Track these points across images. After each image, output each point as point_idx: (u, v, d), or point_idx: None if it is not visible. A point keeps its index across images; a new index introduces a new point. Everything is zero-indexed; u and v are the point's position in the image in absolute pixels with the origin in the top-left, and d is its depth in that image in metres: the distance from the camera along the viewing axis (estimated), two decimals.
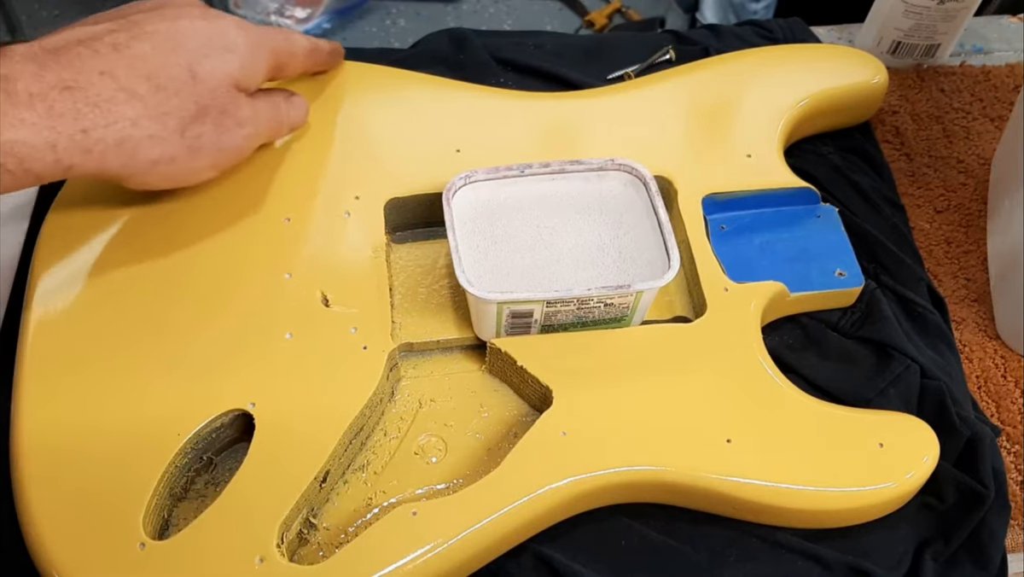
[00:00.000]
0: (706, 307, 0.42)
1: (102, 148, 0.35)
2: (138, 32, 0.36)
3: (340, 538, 0.37)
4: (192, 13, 0.38)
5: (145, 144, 0.36)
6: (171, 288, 0.41)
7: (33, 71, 0.34)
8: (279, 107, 0.43)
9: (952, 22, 0.55)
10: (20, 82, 0.33)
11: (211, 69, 0.37)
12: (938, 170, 0.53)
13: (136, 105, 0.35)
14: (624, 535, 0.39)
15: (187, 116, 0.37)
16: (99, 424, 0.37)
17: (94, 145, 0.35)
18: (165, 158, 0.37)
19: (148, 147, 0.36)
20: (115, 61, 0.35)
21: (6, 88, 0.33)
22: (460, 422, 0.40)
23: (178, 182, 0.39)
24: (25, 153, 0.33)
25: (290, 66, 0.43)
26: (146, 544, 0.34)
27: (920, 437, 0.39)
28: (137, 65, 0.35)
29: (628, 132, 0.48)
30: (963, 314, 0.47)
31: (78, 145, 0.34)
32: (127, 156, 0.36)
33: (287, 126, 0.44)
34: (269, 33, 0.41)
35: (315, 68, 0.47)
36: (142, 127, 0.36)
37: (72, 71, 0.34)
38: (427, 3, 1.77)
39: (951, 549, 0.39)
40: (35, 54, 0.34)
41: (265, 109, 0.41)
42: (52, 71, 0.34)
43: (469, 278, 0.38)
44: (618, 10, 1.73)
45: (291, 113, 0.44)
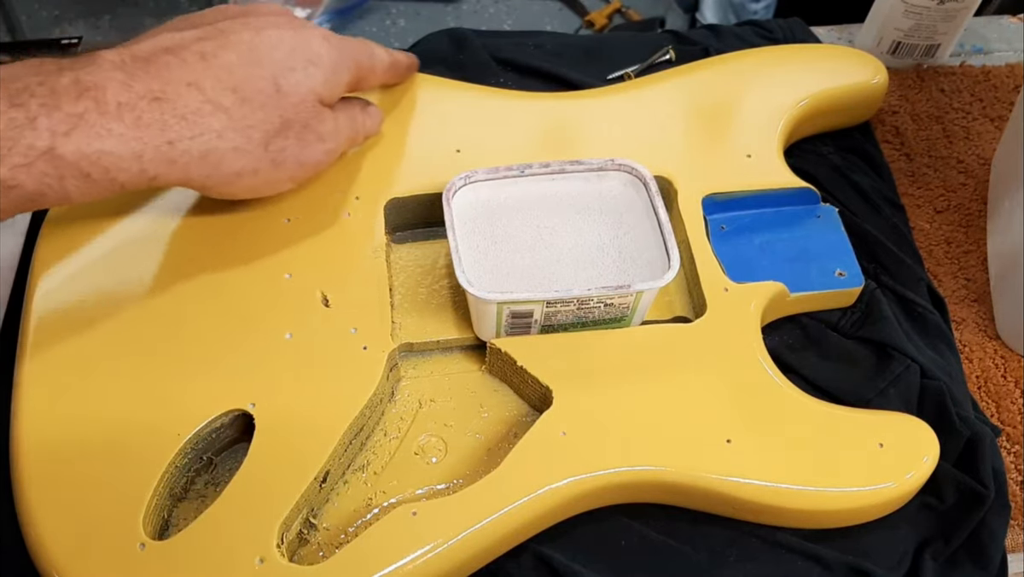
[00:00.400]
0: (706, 307, 0.42)
1: (187, 160, 0.35)
2: (224, 42, 0.36)
3: (340, 538, 0.37)
4: (278, 23, 0.38)
5: (229, 156, 0.36)
6: (171, 288, 0.41)
7: (122, 80, 0.34)
8: (356, 119, 0.42)
9: (952, 22, 0.55)
10: (109, 91, 0.33)
11: (296, 83, 0.37)
12: (938, 170, 0.53)
13: (222, 117, 0.35)
14: (624, 535, 0.39)
15: (271, 129, 0.37)
16: (99, 424, 0.37)
17: (179, 156, 0.35)
18: (248, 170, 0.37)
19: (232, 159, 0.36)
20: (202, 72, 0.35)
21: (95, 97, 0.33)
22: (460, 422, 0.40)
23: (258, 193, 0.40)
24: (111, 163, 0.33)
25: (369, 80, 0.43)
26: (146, 544, 0.34)
27: (920, 437, 0.39)
28: (223, 77, 0.35)
29: (628, 132, 0.48)
30: (963, 314, 0.47)
31: (164, 156, 0.34)
32: (211, 168, 0.36)
33: (363, 136, 0.44)
34: (353, 46, 0.41)
35: (392, 81, 0.47)
36: (227, 139, 0.36)
37: (160, 81, 0.34)
38: (427, 3, 1.77)
39: (951, 549, 0.39)
40: (123, 62, 0.34)
41: (345, 122, 0.41)
42: (141, 81, 0.34)
43: (469, 278, 0.38)
44: (618, 10, 1.73)
45: (367, 123, 0.43)
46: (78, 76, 0.33)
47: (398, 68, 0.46)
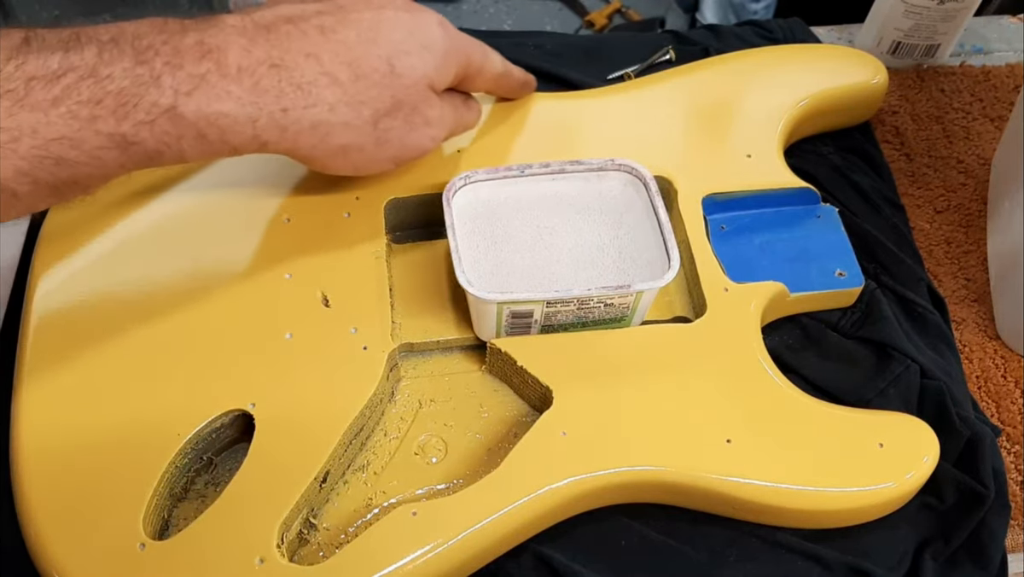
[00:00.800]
0: (706, 307, 0.42)
1: (297, 128, 0.35)
2: (343, 18, 0.37)
3: (340, 538, 0.37)
4: (396, 3, 0.38)
5: (338, 129, 0.37)
6: (171, 288, 0.41)
7: (243, 45, 0.34)
8: (458, 109, 0.42)
9: (952, 22, 0.55)
10: (231, 54, 0.34)
11: (410, 65, 0.37)
12: (938, 170, 0.53)
13: (336, 91, 0.36)
14: (624, 535, 0.39)
15: (382, 108, 0.37)
16: (99, 424, 0.37)
17: (291, 124, 0.35)
18: (354, 146, 0.38)
19: (340, 133, 0.37)
20: (321, 44, 0.35)
21: (217, 59, 0.33)
22: (460, 422, 0.40)
23: (360, 170, 0.40)
24: (227, 125, 0.34)
25: (475, 81, 0.43)
26: (146, 544, 0.34)
27: (920, 437, 0.39)
28: (341, 51, 0.36)
29: (628, 132, 0.48)
30: (963, 314, 0.47)
31: (276, 123, 0.35)
32: (318, 139, 0.36)
33: (462, 128, 0.43)
34: (468, 42, 0.41)
35: (500, 92, 0.47)
36: (338, 113, 0.36)
37: (280, 49, 0.35)
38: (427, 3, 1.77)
39: (951, 549, 0.39)
40: (246, 27, 0.35)
41: (449, 111, 0.41)
42: (261, 47, 0.34)
43: (469, 278, 0.38)
44: (618, 10, 1.73)
45: (467, 116, 0.43)
46: (202, 37, 0.33)
47: (509, 80, 0.46)
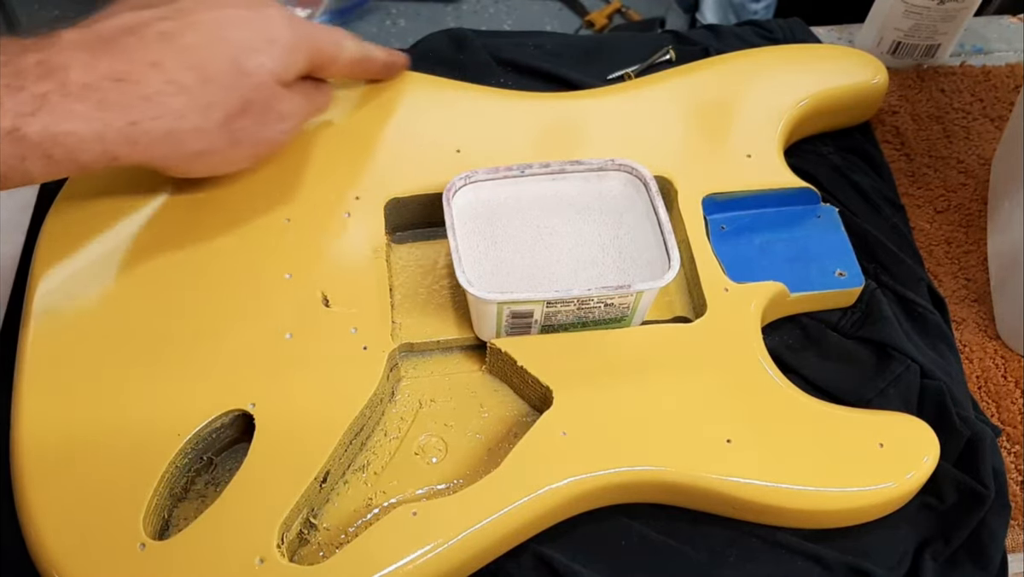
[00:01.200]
0: (706, 307, 0.42)
1: (148, 140, 0.35)
2: (184, 21, 0.36)
3: (340, 538, 0.37)
4: (236, 2, 0.38)
5: (190, 136, 0.36)
6: (171, 288, 0.41)
7: (85, 60, 0.34)
8: (310, 95, 0.42)
9: (952, 22, 0.55)
10: (72, 72, 0.33)
11: (258, 63, 0.37)
12: (938, 170, 0.53)
13: (183, 98, 0.35)
14: (624, 535, 0.39)
15: (232, 110, 0.37)
16: (99, 424, 0.37)
17: (141, 137, 0.35)
18: (208, 150, 0.38)
19: (192, 139, 0.37)
20: (164, 52, 0.35)
21: (60, 79, 0.33)
22: (460, 422, 0.40)
23: (217, 171, 0.40)
24: (74, 144, 0.34)
25: (330, 69, 0.43)
26: (146, 544, 0.34)
27: (920, 437, 0.39)
28: (185, 56, 0.35)
29: (628, 132, 0.48)
30: (963, 314, 0.47)
31: (125, 137, 0.35)
32: (171, 147, 0.36)
33: (316, 112, 0.43)
34: (317, 31, 0.41)
35: (362, 76, 0.47)
36: (188, 120, 0.36)
37: (123, 62, 0.34)
38: (427, 3, 1.77)
39: (951, 549, 0.39)
40: (87, 42, 0.34)
41: (301, 102, 0.41)
42: (104, 61, 0.34)
43: (469, 278, 0.38)
44: (618, 10, 1.73)
45: (319, 99, 0.43)
46: (43, 56, 0.33)
47: (370, 64, 0.45)
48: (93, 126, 0.34)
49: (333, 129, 0.47)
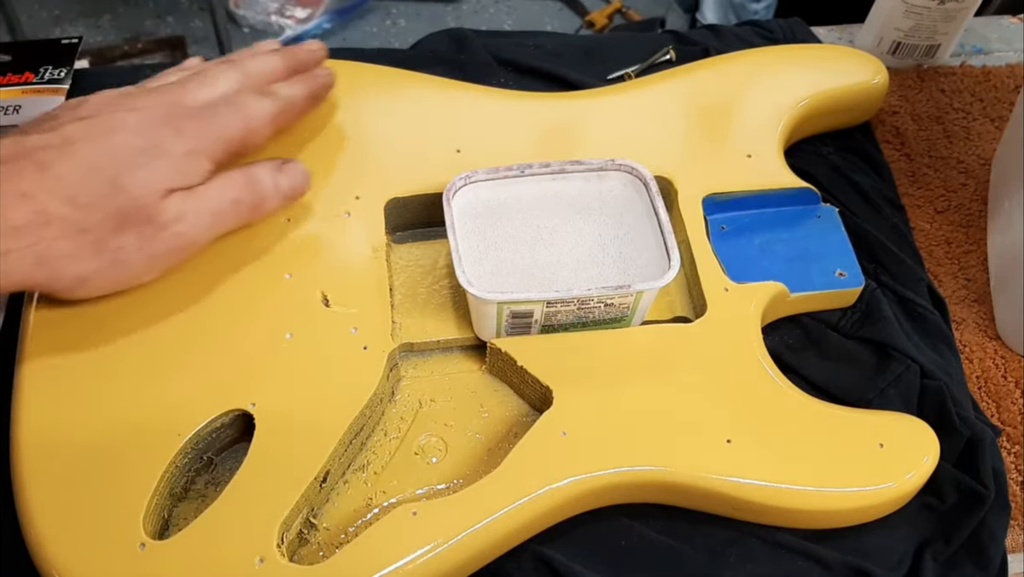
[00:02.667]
0: (706, 307, 0.42)
1: (22, 268, 0.35)
2: (65, 150, 0.36)
3: (340, 538, 0.37)
4: (127, 125, 0.37)
5: (63, 263, 0.36)
6: (171, 288, 0.41)
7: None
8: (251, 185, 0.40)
9: (952, 22, 0.55)
10: None
11: (139, 180, 0.36)
12: (938, 170, 0.53)
13: (54, 227, 0.35)
14: (624, 535, 0.39)
15: (107, 231, 0.36)
16: (99, 424, 0.37)
17: (15, 266, 0.35)
18: (87, 273, 0.37)
19: (67, 265, 0.36)
20: (37, 182, 0.35)
21: None
22: (460, 422, 0.40)
23: (113, 290, 0.39)
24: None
25: (255, 140, 0.41)
26: (146, 544, 0.34)
27: (920, 437, 0.39)
28: (57, 187, 0.35)
29: (628, 132, 0.48)
30: (963, 314, 0.47)
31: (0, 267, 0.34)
32: (48, 274, 0.36)
33: (276, 196, 0.41)
34: (215, 126, 0.39)
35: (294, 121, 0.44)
36: (58, 247, 0.35)
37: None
38: (427, 3, 1.77)
39: (951, 549, 0.39)
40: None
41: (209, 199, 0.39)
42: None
43: (469, 278, 0.38)
44: (618, 10, 1.73)
45: (281, 182, 0.41)
46: None
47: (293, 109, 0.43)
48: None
49: (333, 129, 0.47)
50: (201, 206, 0.39)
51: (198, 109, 0.39)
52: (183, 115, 0.39)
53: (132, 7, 1.74)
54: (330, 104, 0.47)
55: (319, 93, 0.45)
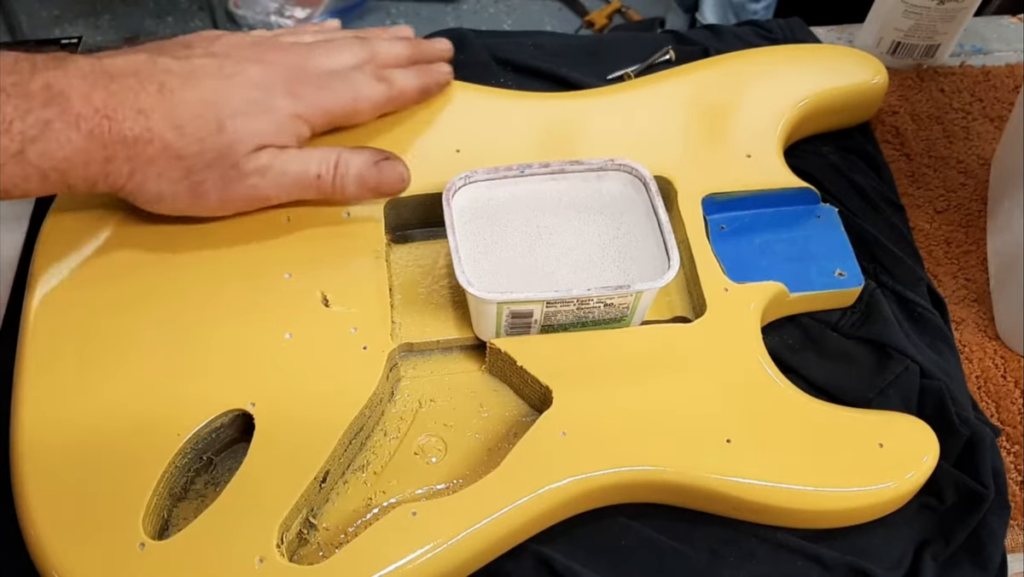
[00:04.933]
0: (706, 307, 0.42)
1: (118, 175, 0.38)
2: (188, 81, 0.39)
3: (340, 538, 0.37)
4: (248, 74, 0.40)
5: (152, 179, 0.39)
6: (171, 288, 0.41)
7: (83, 92, 0.36)
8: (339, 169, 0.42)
9: (952, 22, 0.55)
10: (73, 101, 0.36)
11: (240, 126, 0.39)
12: (938, 170, 0.53)
13: (156, 145, 0.38)
14: (624, 535, 0.39)
15: (199, 163, 0.39)
16: (99, 424, 0.37)
17: (113, 171, 0.38)
18: (168, 195, 0.40)
19: (154, 182, 0.39)
20: (156, 102, 0.38)
21: (62, 106, 0.36)
22: (460, 422, 0.40)
23: (186, 213, 0.42)
24: (67, 169, 0.37)
25: (359, 118, 0.45)
26: (146, 544, 0.34)
27: (920, 437, 0.39)
28: (172, 112, 0.38)
29: (628, 132, 0.48)
30: (963, 314, 0.47)
31: (102, 169, 0.38)
32: (136, 186, 0.39)
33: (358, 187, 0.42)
34: (328, 96, 0.42)
35: (401, 109, 0.47)
36: (155, 165, 0.38)
37: (115, 101, 0.37)
38: (427, 3, 1.77)
39: (951, 549, 0.39)
40: (92, 72, 0.37)
41: (294, 165, 0.41)
42: (99, 96, 0.37)
43: (469, 278, 0.38)
44: (618, 10, 1.73)
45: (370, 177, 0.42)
46: (48, 80, 0.36)
47: (403, 98, 0.46)
48: (81, 155, 0.37)
49: (333, 129, 0.47)
50: (286, 168, 0.41)
51: (316, 76, 0.43)
52: (300, 79, 0.42)
53: (132, 7, 1.74)
54: None
55: (432, 88, 0.48)
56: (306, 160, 0.42)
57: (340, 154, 0.42)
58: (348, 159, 0.42)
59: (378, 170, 0.43)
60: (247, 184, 0.41)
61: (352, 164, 0.42)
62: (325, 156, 0.42)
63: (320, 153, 0.42)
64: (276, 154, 0.41)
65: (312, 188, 0.42)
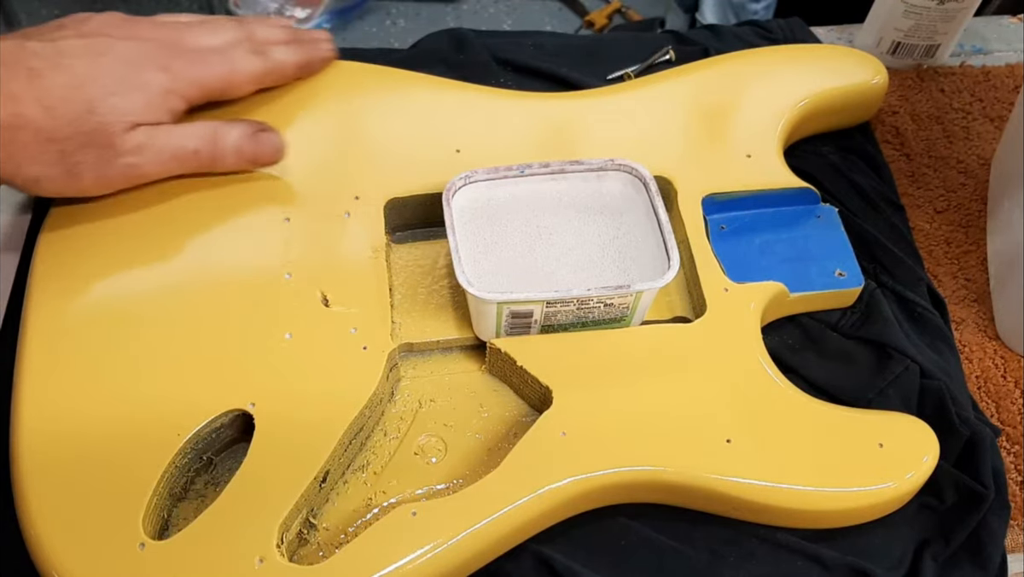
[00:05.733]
0: (706, 307, 0.42)
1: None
2: (57, 63, 0.39)
3: (340, 538, 0.37)
4: (118, 51, 0.40)
5: (27, 163, 0.39)
6: (171, 288, 0.41)
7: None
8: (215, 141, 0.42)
9: (952, 22, 0.55)
10: None
11: (111, 106, 0.39)
12: (938, 170, 0.53)
13: (29, 130, 0.38)
14: (624, 535, 0.39)
15: (71, 145, 0.39)
16: (99, 424, 0.37)
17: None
18: (44, 177, 0.40)
19: (29, 166, 0.39)
20: (25, 87, 0.38)
21: None
22: (460, 422, 0.40)
23: (64, 195, 0.42)
24: None
25: (234, 92, 0.45)
26: (146, 544, 0.34)
27: (920, 437, 0.39)
28: (43, 95, 0.38)
29: (628, 132, 0.48)
30: (963, 314, 0.47)
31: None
32: (12, 170, 0.39)
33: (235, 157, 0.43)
34: (200, 69, 0.42)
35: (280, 83, 0.47)
36: (28, 150, 0.39)
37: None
38: (427, 3, 1.77)
39: (951, 549, 0.39)
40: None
41: (172, 141, 0.42)
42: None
43: (469, 278, 0.38)
44: (618, 10, 1.73)
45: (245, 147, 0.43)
46: None
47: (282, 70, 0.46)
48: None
49: (333, 129, 0.47)
50: (163, 145, 0.42)
51: (190, 51, 0.43)
52: (173, 54, 0.42)
53: (132, 7, 1.74)
54: (329, 104, 0.47)
55: (313, 63, 0.48)
56: (182, 135, 0.42)
57: (217, 128, 0.43)
58: (225, 132, 0.43)
59: (255, 141, 0.43)
60: (124, 163, 0.41)
61: (230, 136, 0.43)
62: (201, 130, 0.42)
63: (196, 128, 0.42)
64: (151, 132, 0.41)
65: (191, 162, 0.43)
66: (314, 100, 0.47)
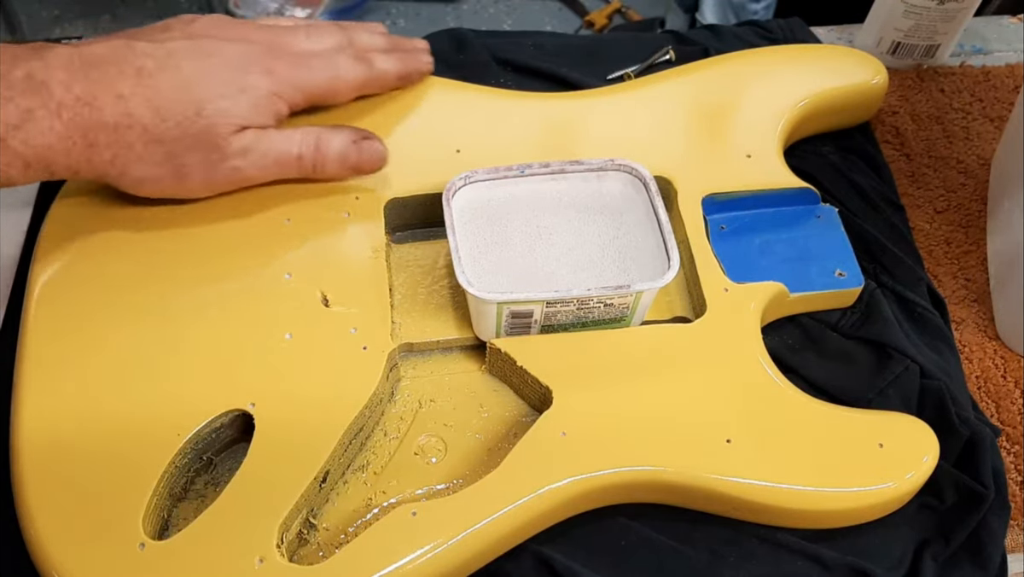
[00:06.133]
0: (706, 307, 0.42)
1: (99, 161, 0.39)
2: (165, 64, 0.39)
3: (340, 538, 0.37)
4: (225, 53, 0.40)
5: (134, 164, 0.39)
6: (171, 288, 0.41)
7: (64, 80, 0.37)
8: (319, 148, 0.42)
9: (952, 22, 0.55)
10: (54, 90, 0.37)
11: (217, 109, 0.39)
12: (938, 170, 0.53)
13: (136, 130, 0.38)
14: (624, 535, 0.39)
15: (180, 147, 0.40)
16: (99, 424, 0.37)
17: (95, 157, 0.38)
18: (150, 178, 0.40)
19: (136, 167, 0.40)
20: (134, 87, 0.38)
21: (43, 94, 0.36)
22: (460, 422, 0.40)
23: (168, 196, 0.42)
24: (49, 156, 0.37)
25: (337, 99, 0.45)
26: (146, 544, 0.34)
27: (920, 437, 0.39)
28: (151, 95, 0.38)
29: (628, 132, 0.48)
30: (963, 314, 0.47)
31: (84, 156, 0.38)
32: (118, 171, 0.40)
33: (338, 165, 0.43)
34: (305, 76, 0.43)
35: (379, 91, 0.47)
36: (135, 150, 0.39)
37: (96, 88, 0.37)
38: (427, 3, 1.77)
39: (951, 549, 0.39)
40: (72, 62, 0.37)
41: (276, 146, 0.42)
42: (80, 84, 0.37)
43: (469, 278, 0.38)
44: (618, 10, 1.73)
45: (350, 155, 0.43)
46: (30, 70, 0.36)
47: (383, 80, 0.46)
48: (64, 143, 0.37)
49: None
50: (267, 149, 0.42)
51: (294, 55, 0.43)
52: (278, 57, 0.42)
53: (132, 7, 1.74)
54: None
55: (412, 74, 0.48)
56: (287, 140, 0.42)
57: (320, 134, 0.43)
58: (329, 138, 0.43)
59: (358, 149, 0.43)
60: (229, 166, 0.41)
61: (333, 143, 0.43)
62: (305, 136, 0.42)
63: (300, 133, 0.42)
64: (257, 135, 0.41)
65: (293, 168, 0.43)
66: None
